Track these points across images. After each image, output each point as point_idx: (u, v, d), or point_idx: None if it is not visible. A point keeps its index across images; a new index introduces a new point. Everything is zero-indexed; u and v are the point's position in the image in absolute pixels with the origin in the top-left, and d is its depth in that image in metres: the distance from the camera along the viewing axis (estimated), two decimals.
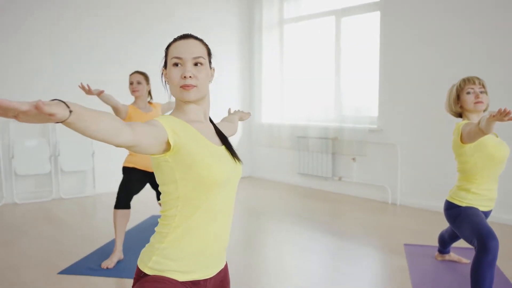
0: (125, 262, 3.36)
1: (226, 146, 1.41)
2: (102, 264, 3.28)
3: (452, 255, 3.40)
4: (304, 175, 6.41)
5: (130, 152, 3.55)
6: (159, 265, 1.30)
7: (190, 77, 1.32)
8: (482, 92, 2.64)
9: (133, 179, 3.46)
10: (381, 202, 5.40)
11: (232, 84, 7.11)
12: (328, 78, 6.04)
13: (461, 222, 2.60)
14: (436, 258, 3.42)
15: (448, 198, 2.75)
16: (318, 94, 6.20)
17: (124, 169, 3.52)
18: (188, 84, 1.31)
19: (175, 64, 1.34)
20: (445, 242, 3.28)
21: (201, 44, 1.39)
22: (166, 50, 1.40)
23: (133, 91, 3.54)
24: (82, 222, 4.65)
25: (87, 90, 3.23)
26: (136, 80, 3.53)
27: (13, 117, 0.84)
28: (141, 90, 3.54)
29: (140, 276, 1.32)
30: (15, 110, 0.81)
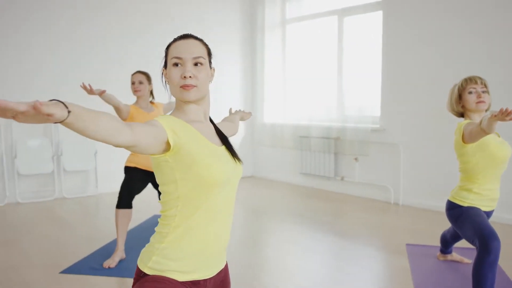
0: (127, 262, 3.37)
1: (226, 146, 1.41)
2: (104, 264, 3.28)
3: (454, 255, 3.39)
4: (306, 175, 6.41)
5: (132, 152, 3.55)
6: (159, 265, 1.30)
7: (190, 77, 1.32)
8: (484, 92, 2.63)
9: (135, 179, 3.47)
10: (383, 202, 5.40)
11: (235, 84, 7.12)
12: (331, 78, 6.03)
13: (463, 222, 2.59)
14: (438, 258, 3.41)
15: (450, 198, 2.74)
16: (321, 94, 6.20)
17: (126, 169, 3.52)
18: (188, 84, 1.32)
19: (175, 64, 1.34)
20: (447, 242, 3.27)
21: (201, 44, 1.39)
22: (166, 50, 1.40)
23: (135, 91, 3.54)
24: (84, 222, 4.66)
25: (89, 90, 3.24)
26: (138, 80, 3.53)
27: (12, 118, 0.84)
28: (143, 90, 3.54)
29: (140, 276, 1.32)
30: (13, 111, 0.81)
